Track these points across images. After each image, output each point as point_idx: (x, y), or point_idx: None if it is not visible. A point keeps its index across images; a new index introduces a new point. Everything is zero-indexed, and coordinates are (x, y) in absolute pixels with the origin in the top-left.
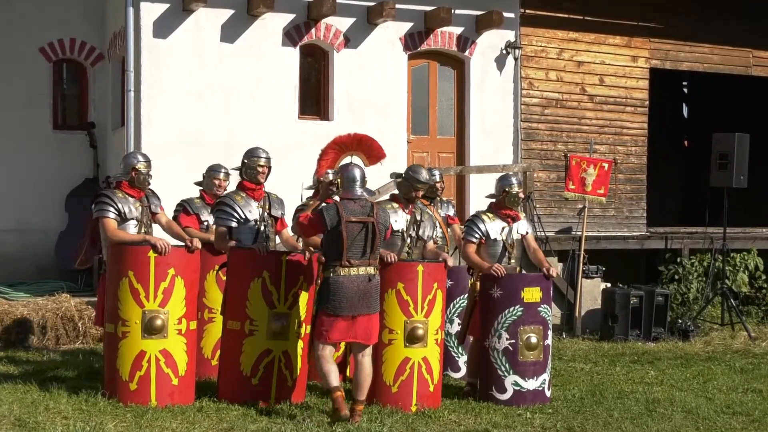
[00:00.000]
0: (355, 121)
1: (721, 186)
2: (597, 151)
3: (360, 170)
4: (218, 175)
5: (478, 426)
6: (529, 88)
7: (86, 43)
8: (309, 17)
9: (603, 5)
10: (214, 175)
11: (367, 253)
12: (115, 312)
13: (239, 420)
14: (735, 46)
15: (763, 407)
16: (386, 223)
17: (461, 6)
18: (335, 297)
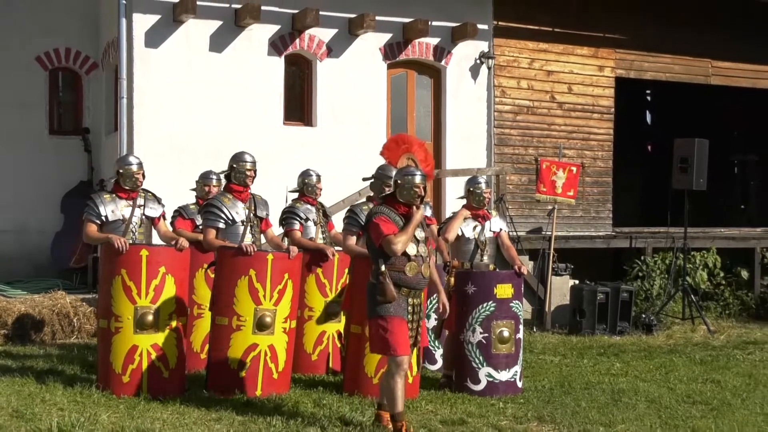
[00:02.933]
0: (337, 126)
1: (682, 188)
2: (566, 156)
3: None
4: (210, 182)
5: (454, 415)
6: (501, 96)
7: (81, 53)
8: (293, 28)
9: (571, 18)
10: (205, 182)
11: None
12: (108, 308)
13: (226, 410)
14: (695, 56)
15: (721, 396)
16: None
17: (438, 18)
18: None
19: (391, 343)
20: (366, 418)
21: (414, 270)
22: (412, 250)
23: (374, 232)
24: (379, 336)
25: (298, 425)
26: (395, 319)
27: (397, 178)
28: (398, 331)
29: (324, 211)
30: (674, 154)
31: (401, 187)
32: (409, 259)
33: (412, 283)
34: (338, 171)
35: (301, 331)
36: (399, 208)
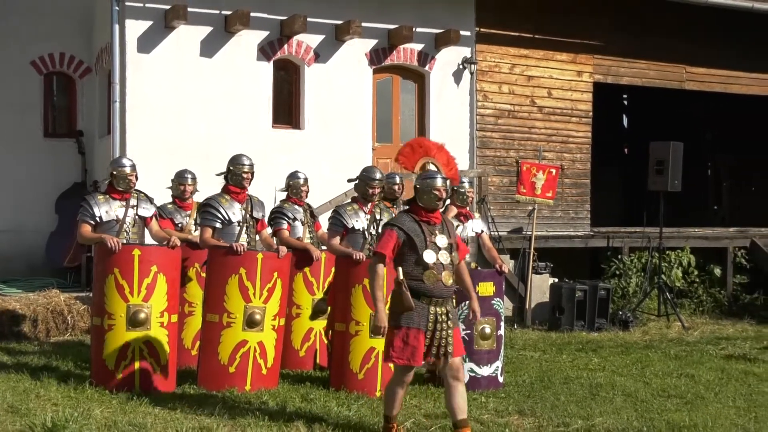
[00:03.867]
0: (324, 130)
1: (657, 190)
2: (545, 158)
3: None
4: (185, 181)
5: (437, 410)
6: (483, 100)
7: (75, 57)
8: (282, 34)
9: (551, 25)
10: (180, 181)
11: None
12: (101, 306)
13: (217, 405)
14: (670, 62)
15: (695, 390)
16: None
17: (422, 25)
18: None
19: (406, 353)
20: (352, 412)
21: (432, 279)
22: (431, 258)
23: (377, 242)
24: (394, 345)
25: (286, 419)
26: (412, 331)
27: (416, 183)
28: (415, 342)
29: (311, 211)
30: (650, 156)
31: (421, 192)
32: (427, 268)
33: (432, 292)
34: (325, 172)
35: (289, 328)
36: (421, 215)
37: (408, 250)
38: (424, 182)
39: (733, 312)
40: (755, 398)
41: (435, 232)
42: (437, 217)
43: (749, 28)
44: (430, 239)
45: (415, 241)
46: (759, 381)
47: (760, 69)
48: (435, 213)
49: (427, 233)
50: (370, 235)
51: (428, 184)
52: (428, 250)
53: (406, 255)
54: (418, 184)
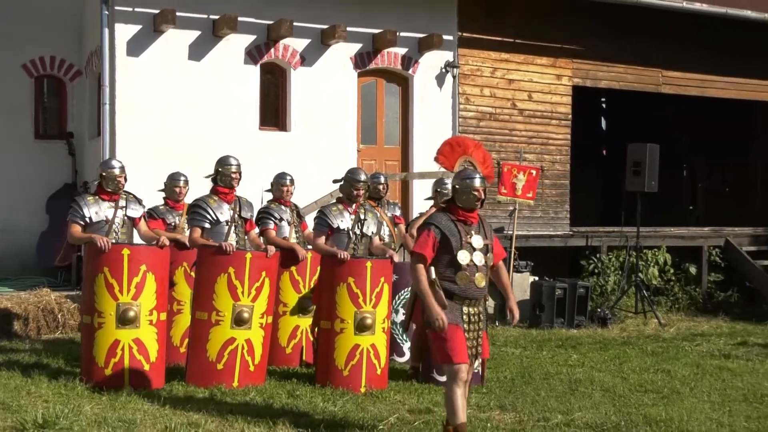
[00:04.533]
0: (310, 132)
1: (635, 190)
2: (526, 160)
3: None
4: (178, 182)
5: (421, 405)
6: (465, 103)
7: (65, 61)
8: (268, 38)
9: (531, 30)
10: (173, 183)
11: None
12: (91, 304)
13: (205, 402)
14: (647, 66)
15: (671, 385)
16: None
17: (405, 29)
18: None
19: (449, 350)
20: (337, 408)
21: (465, 280)
22: (464, 259)
23: (415, 241)
24: (436, 345)
25: (274, 415)
26: (451, 327)
27: (455, 183)
28: (455, 338)
29: (298, 211)
30: (627, 158)
31: (460, 192)
32: (460, 269)
33: (464, 293)
34: (311, 174)
35: (276, 326)
36: (457, 214)
37: (443, 249)
38: (464, 182)
39: (708, 309)
40: (729, 393)
41: (471, 233)
42: (475, 217)
43: (724, 33)
44: (466, 239)
45: (451, 241)
46: (733, 376)
47: (734, 73)
48: (473, 213)
49: (463, 233)
50: (354, 235)
51: (468, 184)
52: (463, 250)
53: (440, 254)
54: (456, 184)
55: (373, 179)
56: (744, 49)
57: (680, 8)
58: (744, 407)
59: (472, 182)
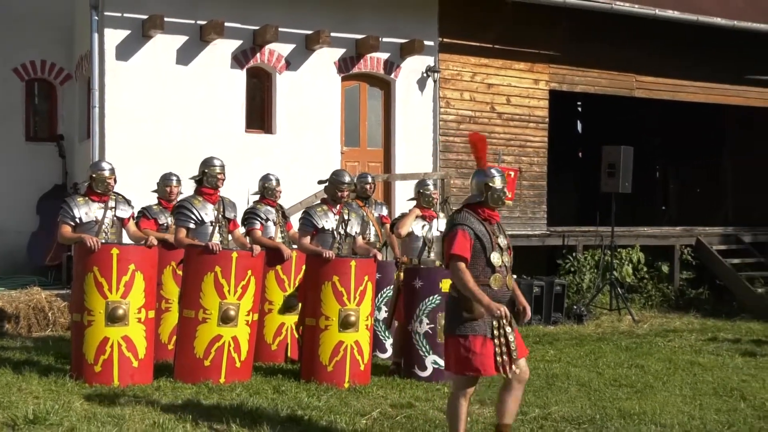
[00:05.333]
0: (295, 134)
1: (609, 191)
2: (504, 161)
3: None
4: (170, 182)
5: (403, 400)
6: (446, 107)
7: (56, 65)
8: (254, 43)
9: (510, 36)
10: (166, 183)
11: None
12: (81, 303)
13: (193, 397)
14: (621, 71)
15: (644, 380)
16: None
17: (388, 35)
18: None
19: (475, 363)
20: (322, 402)
21: (499, 282)
22: (497, 261)
23: (448, 243)
24: (459, 355)
25: (260, 410)
26: (479, 339)
27: (486, 181)
28: (483, 351)
29: (283, 212)
30: (602, 160)
31: (493, 190)
32: (494, 271)
33: (497, 296)
34: (296, 175)
35: (262, 323)
36: (483, 214)
37: (476, 252)
38: (495, 179)
39: (680, 306)
40: (700, 387)
41: (496, 232)
42: (497, 216)
43: (695, 39)
44: (495, 240)
45: (484, 242)
46: (704, 370)
47: (705, 78)
48: (495, 212)
49: (491, 233)
50: (338, 235)
51: (499, 181)
52: (494, 251)
53: (474, 258)
54: (489, 182)
55: (361, 179)
56: (714, 55)
57: (653, 15)
58: (714, 400)
59: (502, 179)
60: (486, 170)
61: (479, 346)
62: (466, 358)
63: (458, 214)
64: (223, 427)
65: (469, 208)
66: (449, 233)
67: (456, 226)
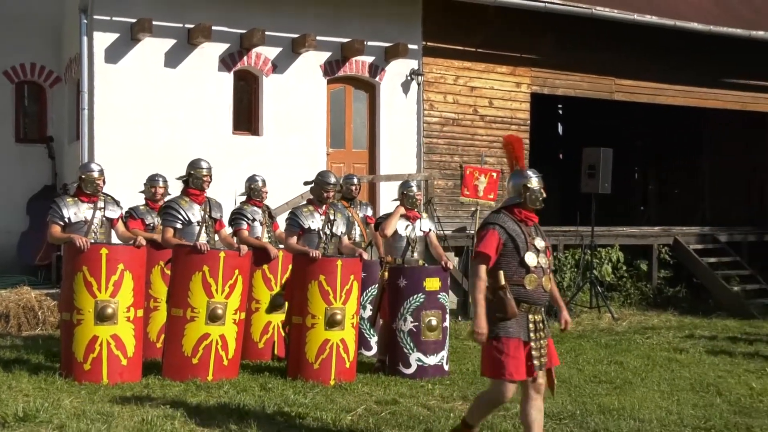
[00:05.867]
0: (281, 136)
1: (589, 192)
2: (487, 163)
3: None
4: (156, 183)
5: (387, 396)
6: (430, 109)
7: (45, 67)
8: (242, 46)
9: (492, 40)
10: (152, 184)
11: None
12: (70, 302)
13: (181, 395)
14: (601, 75)
15: (624, 376)
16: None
17: (372, 38)
18: None
19: (508, 367)
20: (308, 399)
21: (534, 283)
22: (532, 261)
23: (477, 241)
24: (493, 357)
25: (247, 407)
26: (513, 341)
27: (525, 182)
28: (516, 354)
29: (269, 212)
30: (582, 161)
31: (531, 191)
32: (528, 271)
33: (532, 297)
34: (282, 176)
35: (249, 322)
36: (520, 215)
37: (509, 252)
38: (532, 180)
39: (658, 304)
40: (678, 383)
41: (532, 234)
42: (534, 218)
43: (673, 44)
44: (530, 241)
45: (517, 242)
46: (681, 367)
47: (683, 82)
48: (532, 213)
49: (526, 234)
50: (324, 235)
51: (536, 182)
52: (529, 252)
53: (506, 257)
54: (528, 183)
55: (347, 180)
56: (691, 59)
57: (632, 20)
58: (691, 396)
59: (539, 180)
60: (523, 171)
61: (513, 348)
62: (498, 360)
63: (494, 215)
64: (210, 424)
65: (507, 210)
66: (480, 232)
67: (487, 225)
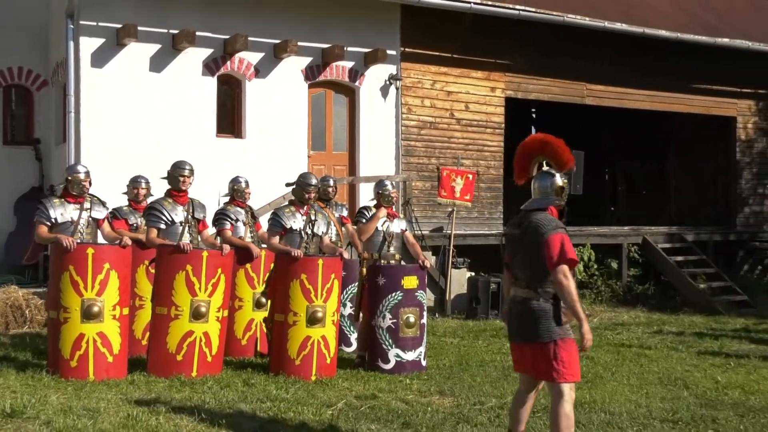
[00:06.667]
0: (264, 139)
1: None
2: (463, 165)
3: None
4: (139, 185)
5: (367, 391)
6: (408, 113)
7: (32, 71)
8: (225, 52)
9: (468, 46)
10: (135, 185)
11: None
12: (57, 300)
13: (165, 390)
14: (572, 80)
15: (594, 371)
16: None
17: (352, 44)
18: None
19: (575, 368)
20: (290, 394)
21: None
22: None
23: (556, 246)
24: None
25: (230, 402)
26: (570, 342)
27: (562, 184)
28: (574, 353)
29: (252, 213)
30: None
31: (562, 191)
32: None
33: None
34: (264, 178)
35: (232, 319)
36: (557, 216)
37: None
38: (561, 180)
39: (628, 301)
40: (646, 377)
41: None
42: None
43: (641, 50)
44: None
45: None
46: (650, 361)
47: (650, 87)
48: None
49: None
50: (306, 235)
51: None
52: None
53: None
54: (561, 182)
55: (323, 182)
56: (658, 65)
57: (602, 28)
58: (659, 389)
59: (564, 180)
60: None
61: (574, 348)
62: (571, 364)
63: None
64: (194, 419)
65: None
66: (549, 234)
67: (559, 228)
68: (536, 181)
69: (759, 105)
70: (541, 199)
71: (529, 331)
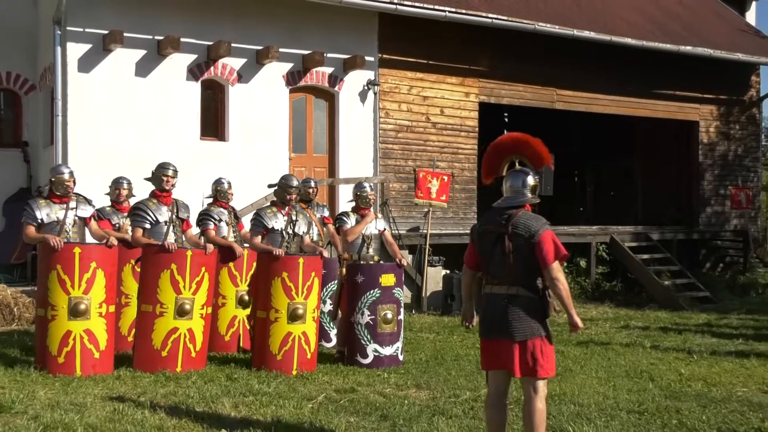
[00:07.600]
0: (246, 142)
1: None
2: (439, 167)
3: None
4: (121, 186)
5: (346, 385)
6: (385, 117)
7: (21, 76)
8: (208, 57)
9: (443, 53)
10: (117, 186)
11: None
12: (45, 298)
13: (151, 385)
14: (543, 85)
15: (564, 364)
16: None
17: (332, 51)
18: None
19: (554, 363)
20: (271, 389)
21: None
22: None
23: (550, 243)
24: (547, 356)
25: (214, 396)
26: (549, 337)
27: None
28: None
29: (235, 213)
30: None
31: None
32: None
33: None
34: (247, 179)
35: (216, 316)
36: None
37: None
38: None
39: (596, 297)
40: (614, 370)
41: None
42: None
43: (609, 57)
44: None
45: None
46: (617, 355)
47: (617, 92)
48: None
49: None
50: (287, 234)
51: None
52: None
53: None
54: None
55: (304, 184)
56: (624, 72)
57: (572, 35)
58: (626, 382)
59: (536, 179)
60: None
61: (552, 345)
62: (550, 359)
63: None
64: (179, 413)
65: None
66: (541, 233)
67: (545, 225)
68: (508, 179)
69: (720, 110)
70: (515, 198)
71: (517, 328)
